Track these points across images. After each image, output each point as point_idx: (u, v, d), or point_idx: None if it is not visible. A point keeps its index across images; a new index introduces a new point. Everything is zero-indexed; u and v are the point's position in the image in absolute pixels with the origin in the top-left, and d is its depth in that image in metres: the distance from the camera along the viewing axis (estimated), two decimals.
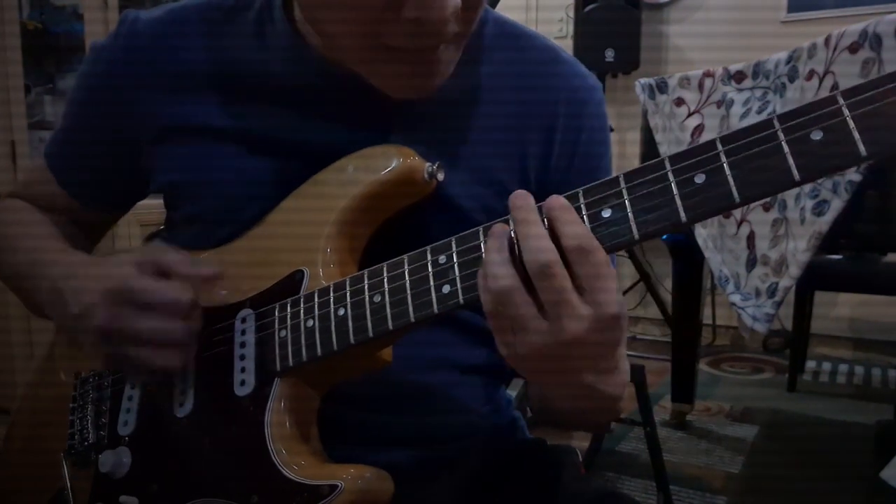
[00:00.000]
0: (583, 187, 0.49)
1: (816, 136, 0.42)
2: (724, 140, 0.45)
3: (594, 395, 0.53)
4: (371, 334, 0.55)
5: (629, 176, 0.48)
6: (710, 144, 0.45)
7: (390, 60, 0.57)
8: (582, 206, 0.49)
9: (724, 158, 0.44)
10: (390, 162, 0.61)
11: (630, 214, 0.47)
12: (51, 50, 2.44)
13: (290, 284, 0.61)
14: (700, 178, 0.45)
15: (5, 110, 2.17)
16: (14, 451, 0.80)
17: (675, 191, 0.46)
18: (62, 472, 0.69)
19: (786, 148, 0.43)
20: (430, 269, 0.53)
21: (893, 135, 0.40)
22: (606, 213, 0.48)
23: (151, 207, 0.84)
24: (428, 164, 0.61)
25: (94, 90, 0.72)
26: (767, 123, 0.43)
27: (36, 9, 2.43)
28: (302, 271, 0.61)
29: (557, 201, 0.48)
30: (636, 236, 0.47)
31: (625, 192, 0.47)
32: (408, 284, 0.54)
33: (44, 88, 2.45)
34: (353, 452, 0.61)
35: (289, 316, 0.60)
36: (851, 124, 0.41)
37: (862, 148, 0.41)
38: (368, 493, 0.55)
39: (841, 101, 0.41)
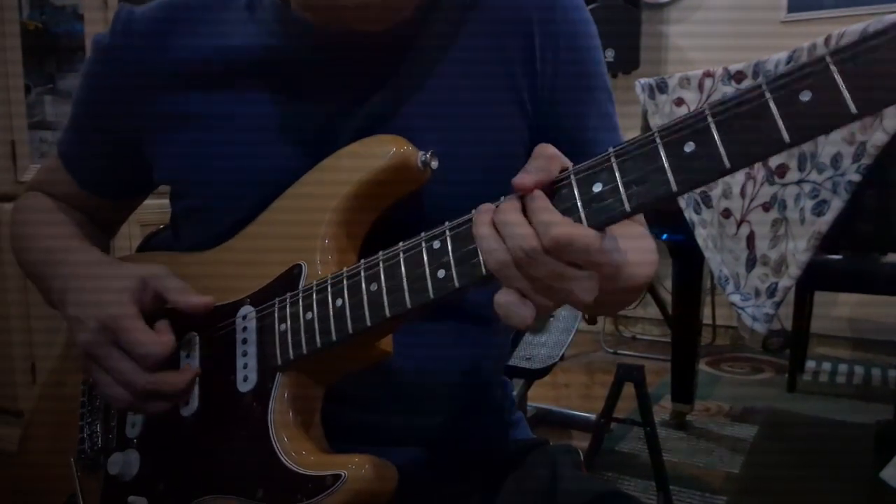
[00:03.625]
0: (573, 167, 0.49)
1: (805, 96, 0.41)
2: (713, 106, 0.44)
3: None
4: (368, 323, 0.55)
5: (619, 149, 0.47)
6: (699, 112, 0.45)
7: None
8: (573, 180, 0.48)
9: (712, 124, 0.44)
10: (384, 152, 0.60)
11: (621, 187, 0.47)
12: (51, 50, 2.44)
13: (290, 279, 0.62)
14: (689, 147, 0.45)
15: (5, 110, 2.17)
16: (29, 452, 0.80)
17: (665, 161, 0.45)
18: (73, 477, 0.70)
19: (774, 110, 0.42)
20: (425, 255, 0.53)
21: (883, 91, 0.39)
22: (597, 188, 0.47)
23: (151, 207, 0.84)
24: (421, 152, 0.60)
25: (94, 89, 0.74)
26: (755, 87, 0.43)
27: (36, 9, 2.43)
28: (300, 265, 0.61)
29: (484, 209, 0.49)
30: (628, 208, 0.46)
31: (615, 165, 0.47)
32: (403, 271, 0.54)
33: (44, 88, 2.45)
34: (355, 452, 0.61)
35: (288, 310, 0.60)
36: (840, 82, 0.40)
37: (852, 105, 0.40)
38: (372, 482, 0.55)
39: (829, 59, 0.41)
